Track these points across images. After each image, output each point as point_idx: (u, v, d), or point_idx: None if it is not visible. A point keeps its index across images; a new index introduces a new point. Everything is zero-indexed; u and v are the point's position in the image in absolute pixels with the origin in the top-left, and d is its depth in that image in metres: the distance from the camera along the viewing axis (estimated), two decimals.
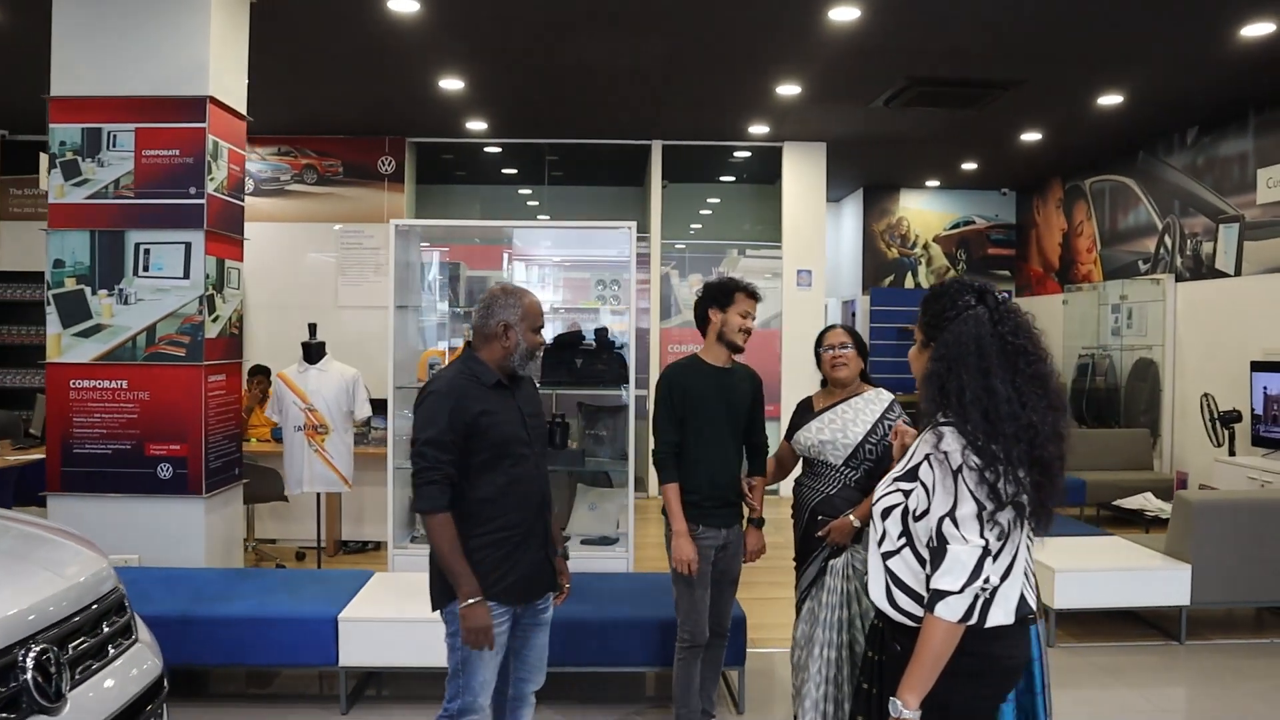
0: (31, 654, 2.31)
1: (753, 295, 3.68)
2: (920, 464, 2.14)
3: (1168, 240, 8.87)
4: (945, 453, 2.07)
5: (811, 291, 9.66)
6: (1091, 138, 9.08)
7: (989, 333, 2.13)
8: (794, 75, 7.19)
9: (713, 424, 3.68)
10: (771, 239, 9.91)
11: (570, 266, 6.78)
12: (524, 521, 3.02)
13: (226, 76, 5.08)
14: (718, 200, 10.66)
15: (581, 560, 5.36)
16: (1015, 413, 2.06)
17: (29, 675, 2.28)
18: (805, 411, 3.66)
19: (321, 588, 4.52)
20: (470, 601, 2.85)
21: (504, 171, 10.68)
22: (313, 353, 5.63)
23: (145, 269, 4.89)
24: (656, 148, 9.69)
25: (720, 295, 3.69)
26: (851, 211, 12.35)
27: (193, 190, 4.88)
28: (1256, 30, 5.91)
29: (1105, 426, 9.36)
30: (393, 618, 4.21)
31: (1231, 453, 7.55)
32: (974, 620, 2.03)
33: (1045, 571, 5.19)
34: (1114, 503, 7.80)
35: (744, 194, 10.60)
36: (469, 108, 8.35)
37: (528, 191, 10.57)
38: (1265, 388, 7.25)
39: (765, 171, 9.97)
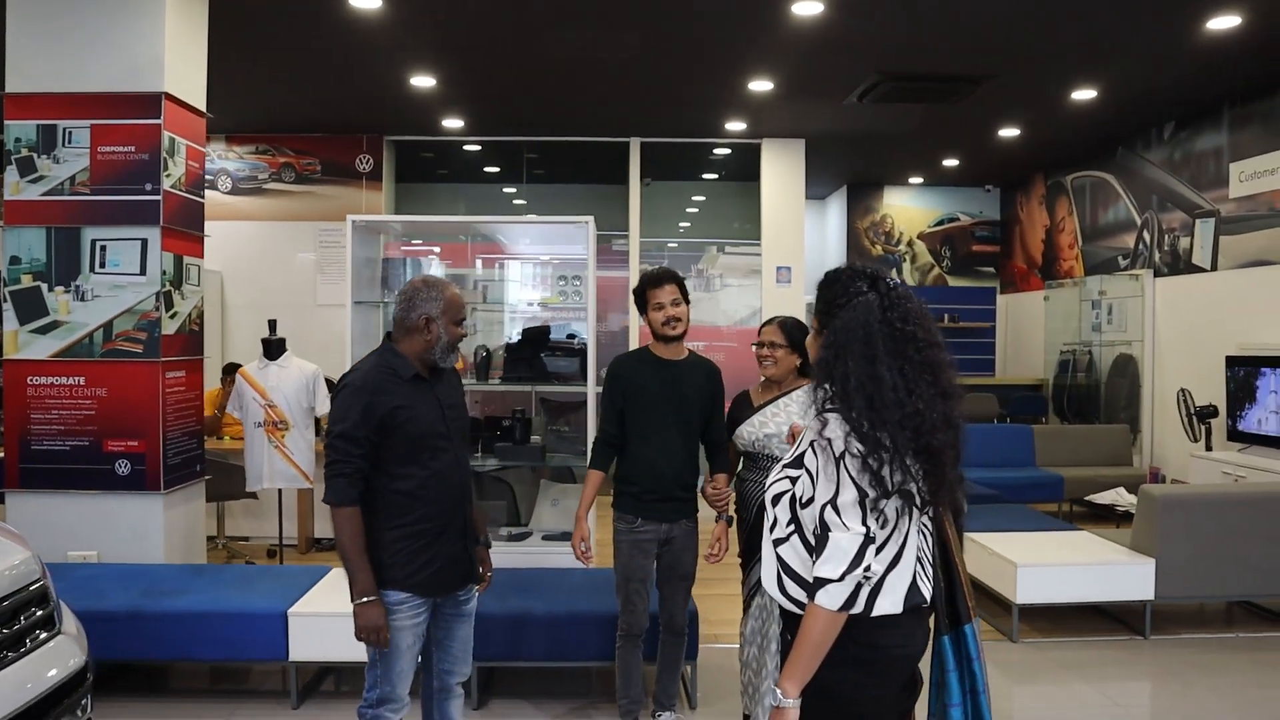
0: None
1: (658, 281, 3.66)
2: (805, 451, 2.13)
3: (1146, 236, 8.86)
4: (828, 439, 2.05)
5: (791, 288, 9.64)
6: (1070, 133, 9.07)
7: (878, 319, 2.11)
8: (765, 71, 7.19)
9: (654, 416, 3.66)
10: (751, 236, 9.90)
11: (536, 262, 6.79)
12: (442, 514, 3.01)
13: (183, 72, 5.07)
14: (698, 197, 10.66)
15: (542, 555, 5.36)
16: (901, 400, 2.04)
17: None
18: (744, 406, 3.65)
19: (275, 583, 4.51)
20: (364, 600, 2.84)
21: (486, 170, 10.69)
22: (273, 349, 5.63)
23: (102, 265, 4.89)
24: (635, 145, 9.69)
25: (638, 300, 3.74)
26: (836, 209, 12.34)
27: (149, 187, 4.88)
28: (1222, 23, 5.90)
29: (1086, 422, 9.35)
30: (343, 612, 4.13)
31: (1208, 448, 7.53)
32: (858, 609, 2.01)
33: (1007, 566, 5.18)
34: (1086, 498, 7.78)
35: (724, 191, 10.59)
36: (443, 105, 8.35)
37: (512, 190, 10.56)
38: (1234, 380, 7.24)
39: (745, 169, 9.96)
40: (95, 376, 4.89)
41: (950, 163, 10.52)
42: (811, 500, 2.07)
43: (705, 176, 10.66)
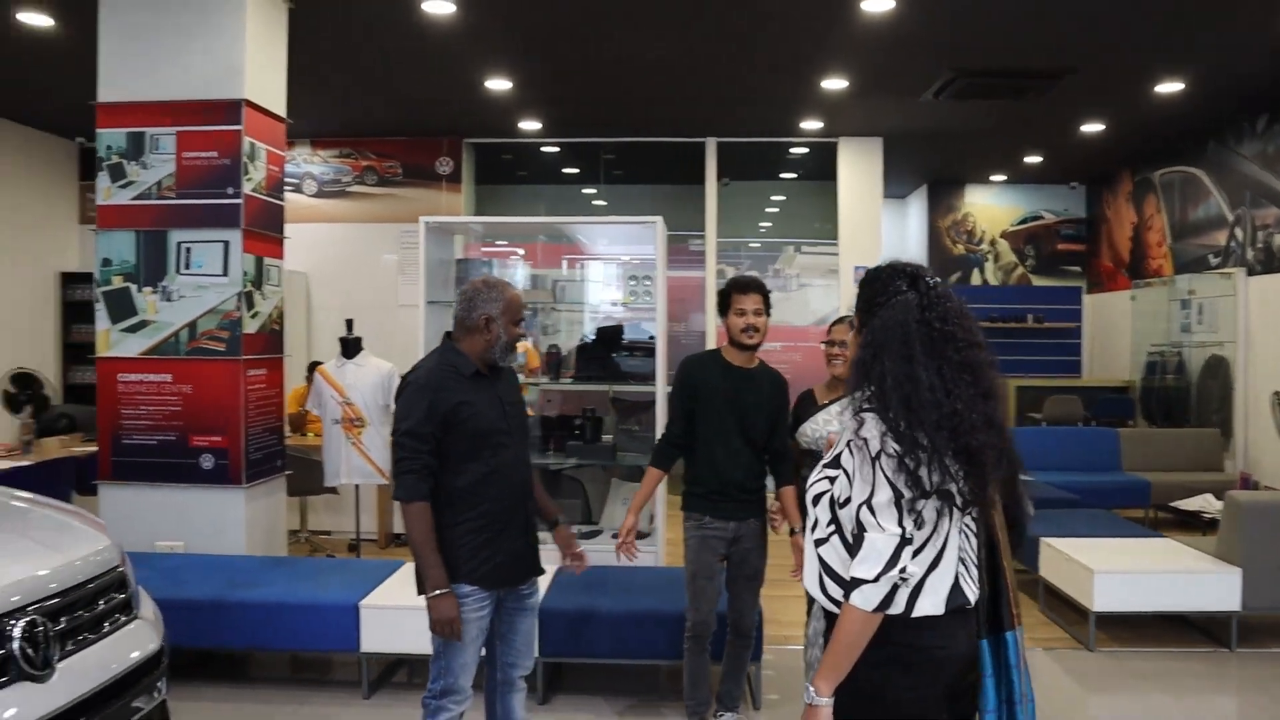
0: (19, 625, 2.42)
1: (745, 288, 3.67)
2: (842, 451, 2.11)
3: (1239, 233, 8.52)
4: (864, 439, 2.04)
5: None
6: (1157, 128, 8.78)
7: (916, 319, 2.08)
8: (838, 69, 7.12)
9: (718, 420, 3.68)
10: (830, 236, 9.81)
11: (610, 263, 6.86)
12: (505, 509, 3.07)
13: (263, 79, 5.24)
14: (777, 197, 10.60)
15: (612, 553, 5.38)
16: (938, 400, 2.01)
17: (16, 645, 2.39)
18: (809, 404, 3.64)
19: (349, 576, 4.63)
20: (436, 593, 2.90)
21: (564, 171, 10.77)
22: (350, 348, 5.77)
23: (187, 267, 5.08)
24: (711, 145, 9.68)
25: (721, 301, 3.75)
26: (916, 208, 12.14)
27: (230, 191, 5.04)
28: None
29: (1175, 426, 9.03)
30: (412, 605, 4.25)
31: None
32: (897, 609, 1.99)
33: (1084, 572, 5.04)
34: (1172, 504, 7.52)
35: (802, 191, 10.52)
36: (520, 108, 8.46)
37: (591, 191, 10.63)
38: None
39: (822, 167, 9.87)
40: (181, 374, 5.07)
41: (1033, 160, 10.27)
42: (849, 500, 2.06)
43: (783, 176, 10.60)
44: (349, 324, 5.90)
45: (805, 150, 9.93)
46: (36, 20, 6.08)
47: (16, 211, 8.99)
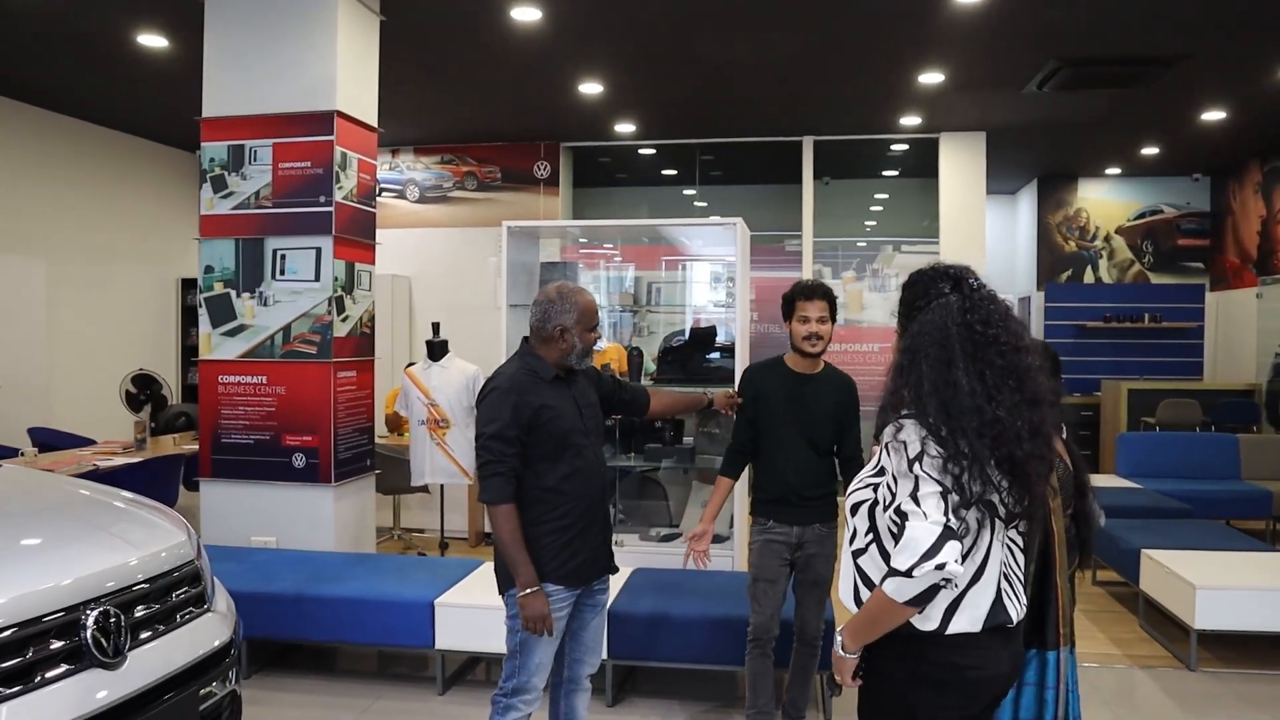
0: (93, 615, 2.56)
1: (810, 294, 3.61)
2: (882, 456, 2.06)
3: None
4: (903, 442, 1.98)
5: None
6: None
7: (957, 322, 2.02)
8: (934, 63, 6.95)
9: (781, 427, 3.66)
10: (933, 234, 9.57)
11: (698, 264, 6.86)
12: (586, 508, 3.13)
13: (355, 91, 5.41)
14: (878, 195, 10.40)
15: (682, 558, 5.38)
16: (979, 406, 1.94)
17: (89, 634, 2.53)
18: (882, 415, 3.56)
19: (427, 574, 4.74)
20: (528, 591, 2.97)
21: (663, 173, 10.79)
22: (436, 350, 5.91)
23: (282, 273, 5.29)
24: (808, 143, 9.57)
25: (785, 306, 3.70)
26: (1026, 204, 11.73)
27: (322, 199, 5.23)
28: None
29: None
30: (488, 604, 4.34)
31: None
32: (934, 625, 1.93)
33: (1185, 587, 4.79)
34: None
35: (903, 188, 10.28)
36: (614, 111, 8.52)
37: (691, 192, 10.62)
38: None
39: (924, 164, 9.64)
40: (275, 376, 5.29)
41: (1150, 151, 9.80)
42: (890, 502, 2.00)
43: (885, 174, 10.40)
44: (435, 327, 6.05)
45: (905, 147, 9.72)
46: (154, 42, 6.43)
47: (141, 221, 9.52)
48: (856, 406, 3.74)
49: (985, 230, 9.47)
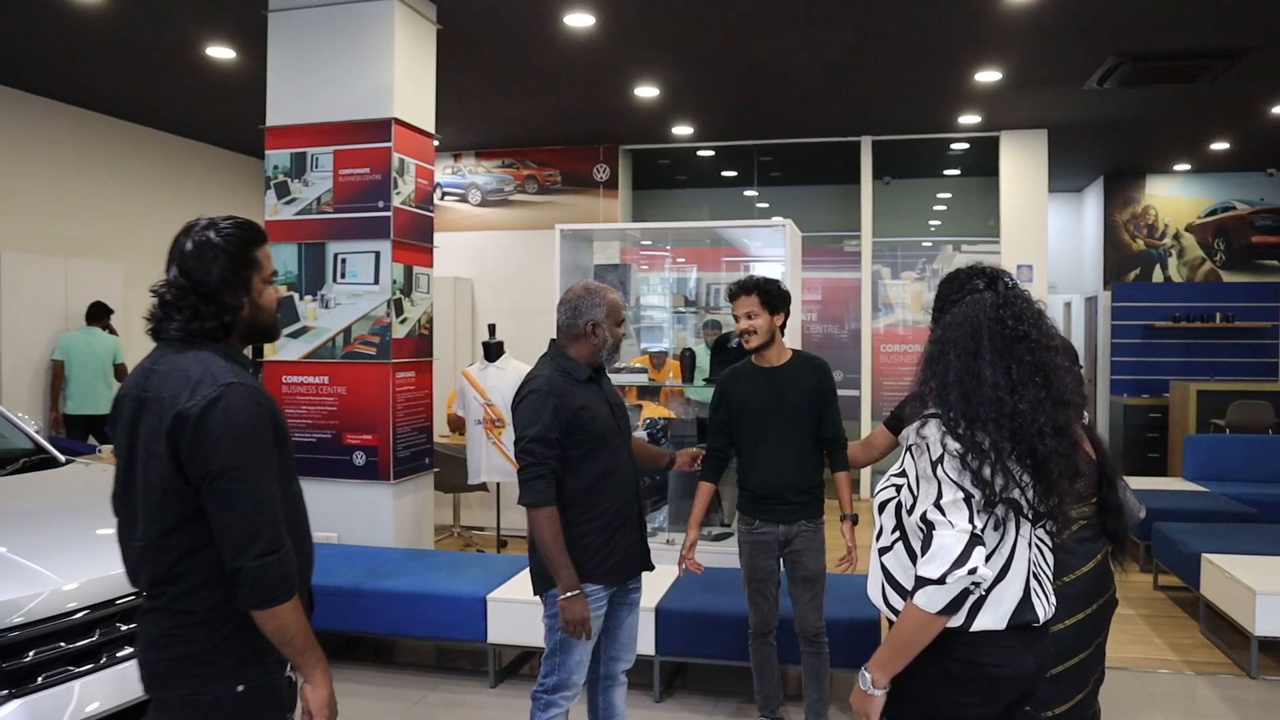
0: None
1: (735, 294, 3.71)
2: (904, 457, 2.08)
3: None
4: (925, 439, 2.00)
5: (1033, 287, 9.12)
6: None
7: (989, 317, 2.04)
8: (991, 61, 6.88)
9: (760, 429, 3.70)
10: (992, 233, 9.46)
11: (749, 265, 6.89)
12: (622, 507, 3.17)
13: (412, 98, 5.55)
14: (935, 194, 10.31)
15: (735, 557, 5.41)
16: (1000, 399, 1.95)
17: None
18: (913, 404, 3.56)
19: (481, 570, 4.84)
20: (569, 595, 3.01)
21: (723, 174, 10.81)
22: (492, 352, 6.02)
23: (342, 276, 5.44)
24: (866, 143, 9.52)
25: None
26: (1092, 202, 11.51)
27: (381, 204, 5.38)
28: None
29: None
30: (539, 601, 4.44)
31: None
32: (959, 621, 1.94)
33: (1245, 593, 4.69)
34: None
35: (965, 187, 10.19)
36: (670, 113, 8.58)
37: (752, 193, 10.64)
38: None
39: (985, 163, 9.53)
40: (336, 376, 5.45)
41: (1220, 146, 9.55)
42: (914, 507, 2.01)
43: (946, 173, 10.30)
44: (491, 329, 6.17)
45: (965, 145, 9.62)
46: (221, 53, 6.66)
47: None
48: (832, 388, 3.76)
49: (1048, 229, 9.33)
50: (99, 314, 7.89)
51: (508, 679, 4.63)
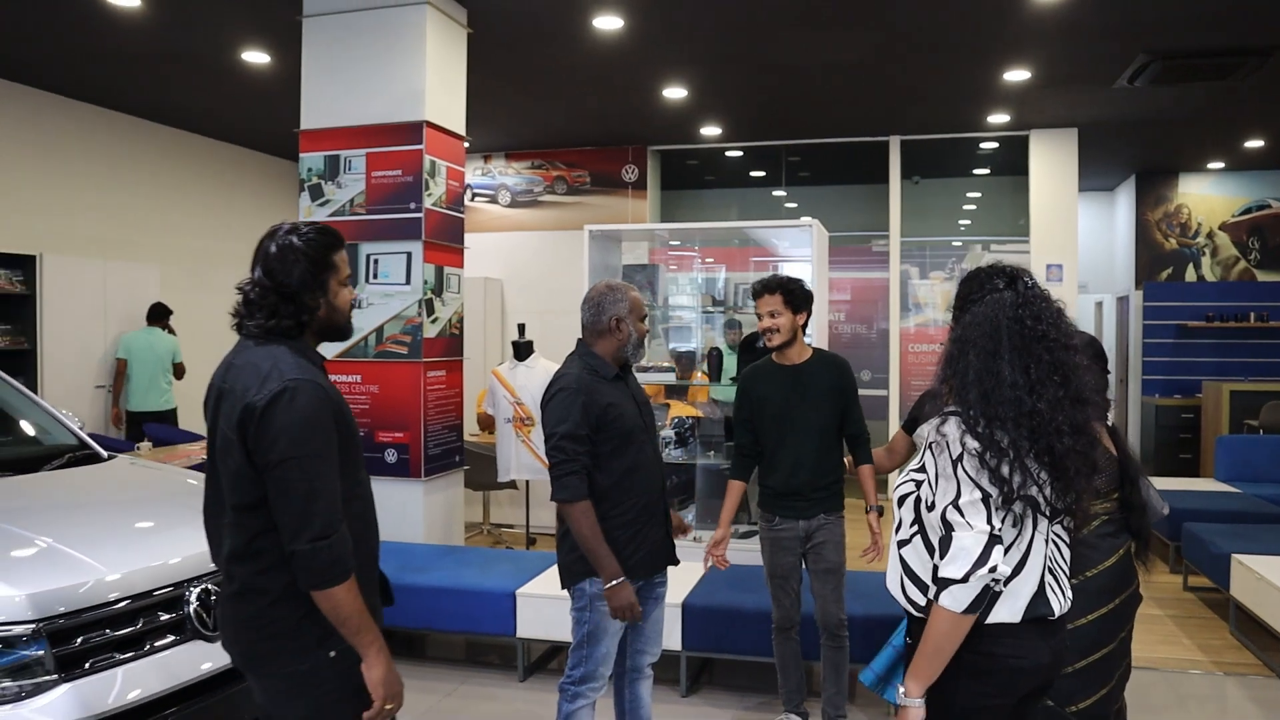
0: (196, 591, 2.79)
1: (758, 293, 3.77)
2: (924, 454, 2.12)
3: None
4: (944, 437, 2.04)
5: (1063, 286, 9.08)
6: None
7: (1008, 316, 2.07)
8: (1019, 60, 6.87)
9: (780, 425, 3.76)
10: (1022, 233, 9.43)
11: (776, 265, 6.92)
12: (648, 502, 3.23)
13: (443, 101, 5.63)
14: (965, 194, 10.28)
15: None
16: (1019, 398, 1.99)
17: (193, 608, 2.76)
18: (932, 402, 3.59)
19: (510, 566, 4.92)
20: (615, 582, 3.07)
21: (751, 174, 10.83)
22: (521, 351, 6.10)
23: (375, 276, 5.53)
24: (894, 143, 9.52)
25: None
26: (1124, 201, 11.43)
27: (413, 206, 5.46)
28: None
29: None
30: (567, 596, 4.50)
31: None
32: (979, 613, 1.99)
33: (1275, 594, 4.66)
34: None
35: (994, 186, 10.15)
36: (699, 114, 8.62)
37: (781, 193, 10.66)
38: None
39: (1014, 162, 9.50)
40: (369, 375, 5.54)
41: (1254, 144, 9.46)
42: (934, 504, 2.05)
43: (975, 172, 10.27)
44: (520, 328, 6.24)
45: (995, 145, 9.59)
46: (256, 58, 6.79)
47: (244, 226, 9.98)
48: (853, 384, 3.83)
49: (1078, 228, 9.28)
50: (159, 314, 8.21)
51: (536, 673, 4.70)
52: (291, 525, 2.06)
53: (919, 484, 2.13)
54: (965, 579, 1.93)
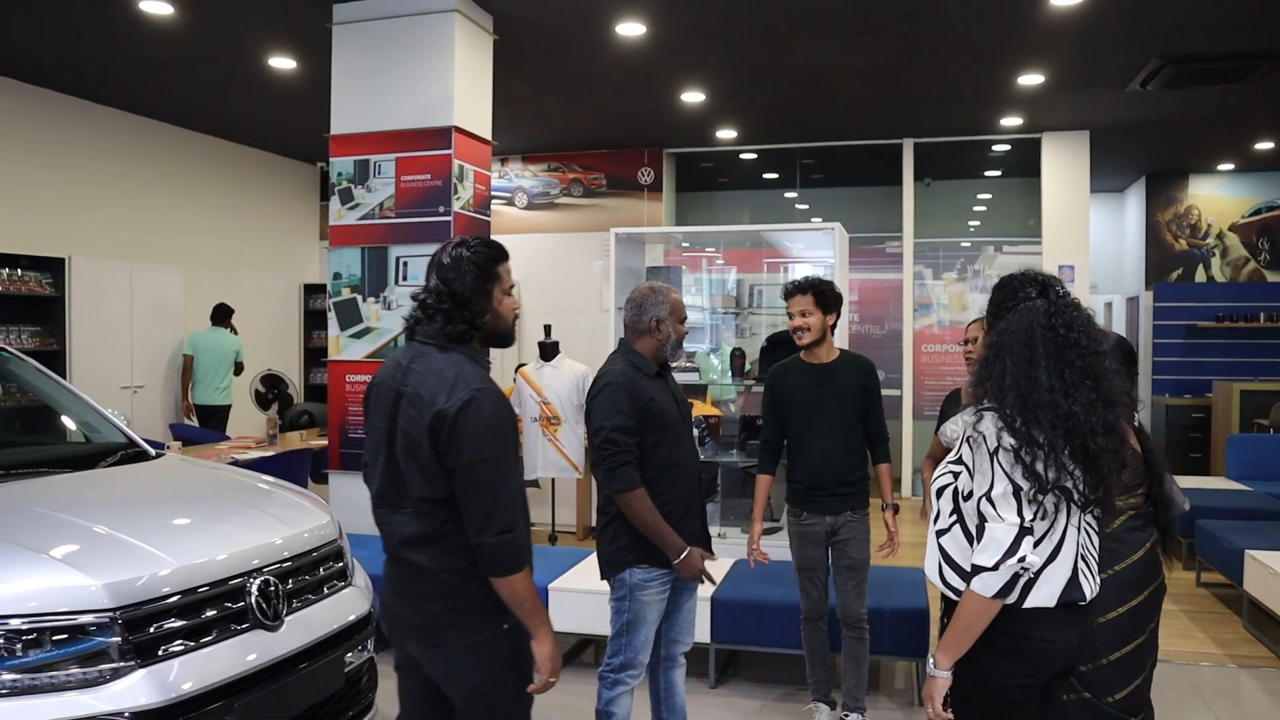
0: (256, 582, 2.90)
1: (790, 293, 3.88)
2: (962, 447, 2.24)
3: None
4: (981, 434, 2.16)
5: (1074, 287, 9.12)
6: None
7: (1042, 324, 2.19)
8: (1033, 64, 6.98)
9: (807, 419, 3.87)
10: (1034, 234, 9.53)
11: (796, 267, 7.03)
12: (686, 494, 3.34)
13: (471, 106, 5.75)
14: (977, 195, 10.38)
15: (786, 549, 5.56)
16: (1055, 401, 2.11)
17: (253, 598, 2.87)
18: (953, 404, 3.71)
19: (540, 561, 4.92)
20: (684, 555, 3.22)
21: (765, 177, 10.94)
22: (547, 351, 6.22)
23: (404, 279, 5.65)
24: (908, 146, 9.62)
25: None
26: (1134, 202, 11.53)
27: (441, 209, 5.58)
28: None
29: None
30: (598, 590, 4.59)
31: None
32: (1012, 599, 2.11)
33: None
34: None
35: (1006, 188, 10.25)
36: (715, 118, 8.74)
37: (793, 195, 10.76)
38: None
39: (1027, 164, 9.61)
40: None
41: (1265, 146, 9.56)
42: (971, 494, 2.19)
43: (987, 174, 10.37)
44: (547, 329, 6.36)
45: (1007, 147, 9.70)
46: (284, 64, 6.91)
47: (267, 230, 10.13)
48: (877, 386, 3.95)
49: (1090, 229, 9.38)
50: (223, 315, 8.61)
51: (568, 665, 4.80)
52: (479, 520, 2.27)
53: (956, 475, 2.25)
54: (995, 567, 2.09)
